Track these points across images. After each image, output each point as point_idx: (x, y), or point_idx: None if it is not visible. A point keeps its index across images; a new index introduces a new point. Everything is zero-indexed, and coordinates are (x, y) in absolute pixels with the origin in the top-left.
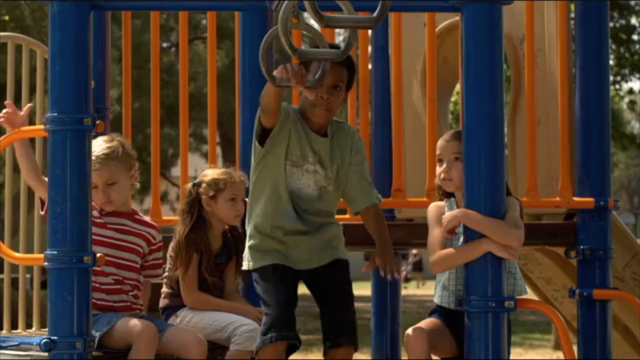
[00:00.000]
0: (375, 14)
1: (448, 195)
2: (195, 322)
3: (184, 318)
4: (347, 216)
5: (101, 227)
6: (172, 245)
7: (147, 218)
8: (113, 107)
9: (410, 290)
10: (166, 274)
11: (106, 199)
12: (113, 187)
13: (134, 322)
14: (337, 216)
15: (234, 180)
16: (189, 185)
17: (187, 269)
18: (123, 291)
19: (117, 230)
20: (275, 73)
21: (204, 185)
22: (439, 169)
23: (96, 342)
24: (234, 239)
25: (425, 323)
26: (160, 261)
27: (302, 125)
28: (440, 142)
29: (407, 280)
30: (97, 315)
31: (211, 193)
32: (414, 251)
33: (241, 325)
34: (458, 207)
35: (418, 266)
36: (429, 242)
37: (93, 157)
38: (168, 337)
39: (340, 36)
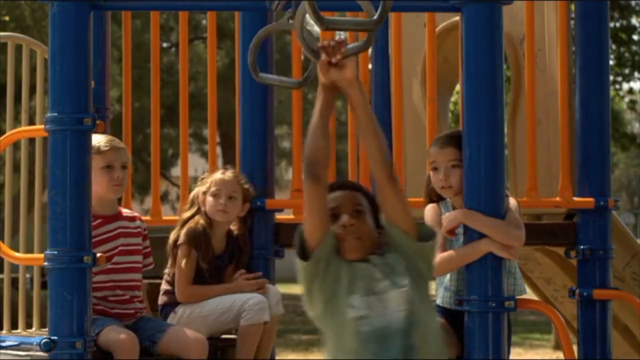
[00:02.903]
0: (375, 16)
1: (441, 197)
2: (198, 312)
3: (183, 314)
4: None
5: (111, 240)
6: (171, 242)
7: (129, 211)
8: (113, 107)
9: None
10: (167, 270)
11: (123, 181)
12: (126, 170)
13: (116, 333)
14: None
15: (218, 177)
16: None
17: (185, 264)
18: (132, 300)
19: (124, 235)
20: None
21: (198, 184)
22: (434, 177)
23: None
24: (237, 240)
25: None
26: (150, 249)
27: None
28: (432, 150)
29: None
30: (95, 317)
31: (203, 190)
32: None
33: (247, 300)
34: (454, 208)
35: None
36: None
37: (105, 144)
38: (169, 337)
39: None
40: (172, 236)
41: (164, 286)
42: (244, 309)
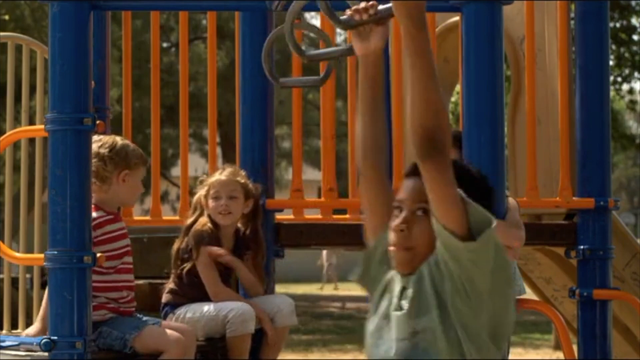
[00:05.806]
0: (389, 3)
1: None
2: (190, 316)
3: (180, 315)
4: (347, 216)
5: (124, 237)
6: (176, 244)
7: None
8: (113, 107)
9: (328, 291)
10: (173, 271)
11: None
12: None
13: (167, 333)
14: (335, 216)
15: (215, 178)
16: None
17: (204, 266)
18: (133, 299)
19: (126, 234)
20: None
21: (198, 188)
22: None
23: (128, 344)
24: (245, 238)
25: None
26: None
27: None
28: None
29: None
30: (116, 317)
31: (204, 194)
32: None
33: (230, 312)
34: None
35: None
36: None
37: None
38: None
39: (340, 36)
40: (175, 245)
41: (170, 285)
42: (228, 319)
